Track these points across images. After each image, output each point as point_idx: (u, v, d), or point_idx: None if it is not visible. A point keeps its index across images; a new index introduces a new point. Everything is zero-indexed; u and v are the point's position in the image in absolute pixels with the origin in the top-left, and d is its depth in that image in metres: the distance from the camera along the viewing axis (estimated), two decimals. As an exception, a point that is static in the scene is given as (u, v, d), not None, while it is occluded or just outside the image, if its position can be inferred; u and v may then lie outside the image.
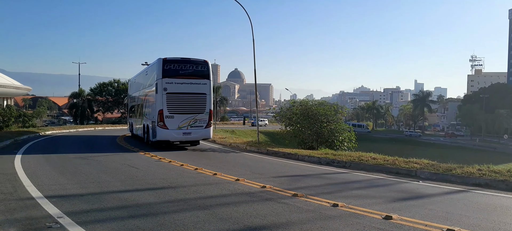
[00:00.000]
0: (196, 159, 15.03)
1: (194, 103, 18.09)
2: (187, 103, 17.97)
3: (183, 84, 17.80)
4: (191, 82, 17.94)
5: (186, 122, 17.78)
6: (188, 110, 17.91)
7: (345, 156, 15.09)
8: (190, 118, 17.88)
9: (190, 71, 17.99)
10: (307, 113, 21.85)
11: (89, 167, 11.73)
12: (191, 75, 17.95)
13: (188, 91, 17.90)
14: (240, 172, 11.62)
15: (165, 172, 11.29)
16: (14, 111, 56.39)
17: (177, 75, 17.67)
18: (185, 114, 17.78)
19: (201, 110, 18.14)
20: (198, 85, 18.08)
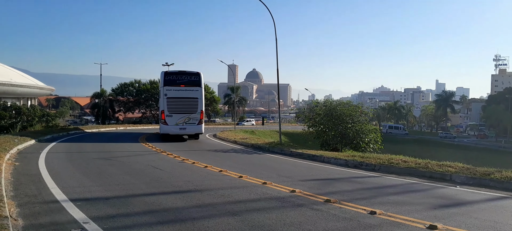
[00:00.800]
0: (220, 160, 14.73)
1: (188, 106, 22.12)
2: (183, 106, 22.05)
3: (180, 91, 21.96)
4: (186, 89, 22.09)
5: (182, 120, 21.95)
6: (183, 111, 21.97)
7: (373, 159, 14.52)
8: (185, 117, 22.00)
9: (185, 81, 22.20)
10: (331, 114, 21.32)
11: (113, 168, 11.55)
12: (185, 84, 22.12)
13: (183, 96, 22.06)
14: (266, 175, 11.24)
15: (189, 174, 11.00)
16: (38, 111, 57.50)
17: (175, 84, 21.90)
18: (181, 114, 21.90)
19: (194, 111, 22.23)
20: (191, 92, 22.19)
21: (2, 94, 68.47)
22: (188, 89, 22.16)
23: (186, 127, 22.06)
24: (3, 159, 11.26)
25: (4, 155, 12.04)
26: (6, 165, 10.95)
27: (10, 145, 14.97)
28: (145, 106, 69.55)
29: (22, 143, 16.81)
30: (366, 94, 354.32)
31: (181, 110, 21.94)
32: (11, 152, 13.86)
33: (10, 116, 54.45)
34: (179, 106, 21.99)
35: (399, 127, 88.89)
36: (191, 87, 22.22)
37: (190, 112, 22.11)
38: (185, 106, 22.11)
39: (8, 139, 16.67)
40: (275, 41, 20.88)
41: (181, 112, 21.91)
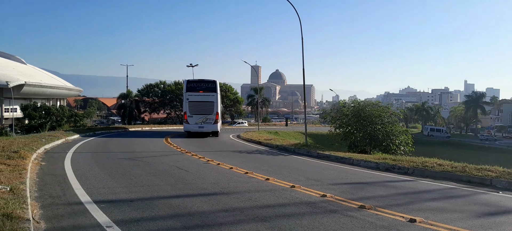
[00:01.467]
0: (245, 161, 14.38)
1: (206, 108, 25.65)
2: (201, 108, 25.61)
3: (199, 96, 25.70)
4: (204, 95, 25.83)
5: (201, 120, 25.56)
6: (202, 112, 25.56)
7: (406, 161, 13.85)
8: (203, 117, 25.59)
9: (203, 88, 26.02)
10: (359, 115, 20.63)
11: (138, 169, 11.38)
12: (204, 90, 25.91)
13: (202, 100, 25.70)
14: (293, 178, 10.80)
15: (215, 175, 10.69)
16: (66, 112, 58.96)
17: (195, 90, 25.80)
18: (200, 115, 25.53)
19: (210, 113, 25.73)
20: (208, 96, 25.84)
21: (33, 95, 70.63)
22: (206, 95, 25.92)
23: (204, 125, 25.64)
24: (30, 159, 11.27)
25: (31, 155, 12.07)
26: (33, 165, 10.95)
27: (38, 144, 15.10)
28: (170, 107, 70.19)
29: (49, 143, 16.97)
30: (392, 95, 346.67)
31: (200, 112, 25.65)
32: (38, 152, 13.95)
33: (40, 116, 56.10)
34: (198, 108, 25.68)
35: (441, 129, 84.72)
36: (208, 93, 25.96)
37: (207, 114, 25.71)
38: (203, 108, 25.69)
39: (36, 139, 16.88)
40: (301, 40, 20.38)
41: (200, 113, 25.64)
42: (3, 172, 8.48)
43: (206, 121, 25.58)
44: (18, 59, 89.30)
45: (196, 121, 25.46)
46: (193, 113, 25.50)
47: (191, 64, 60.29)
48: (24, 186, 7.59)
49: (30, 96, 69.21)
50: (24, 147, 13.10)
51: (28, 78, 69.95)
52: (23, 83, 66.10)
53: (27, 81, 67.49)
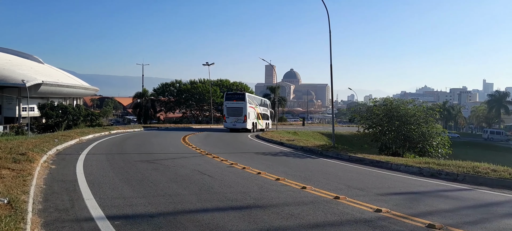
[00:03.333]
0: (272, 165, 13.09)
1: (237, 112, 34.50)
2: (234, 112, 34.63)
3: (232, 103, 35.18)
4: (236, 103, 35.11)
5: (234, 120, 34.48)
6: (234, 114, 34.56)
7: (453, 166, 12.37)
8: (235, 118, 34.45)
9: (235, 98, 36.21)
10: (392, 114, 19.11)
11: (157, 174, 10.19)
12: (235, 100, 35.62)
13: (234, 106, 34.81)
14: (332, 186, 9.47)
15: (243, 182, 9.42)
16: (83, 111, 58.71)
17: (230, 100, 35.85)
18: (233, 117, 34.60)
19: (240, 115, 34.36)
20: (238, 103, 34.84)
21: (50, 94, 70.72)
22: (237, 103, 35.03)
23: (236, 124, 34.39)
24: (38, 162, 10.18)
25: (40, 157, 11.01)
26: (41, 169, 9.86)
27: (49, 145, 14.08)
28: (185, 106, 69.42)
29: (62, 143, 15.99)
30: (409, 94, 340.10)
31: (233, 114, 34.63)
32: (49, 153, 12.91)
33: (56, 115, 55.88)
34: (232, 112, 34.72)
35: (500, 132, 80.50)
36: (239, 102, 35.05)
37: (238, 115, 34.42)
38: (235, 112, 34.55)
39: (48, 139, 15.89)
40: (329, 33, 18.93)
41: (233, 115, 34.60)
42: (4, 179, 7.37)
43: (237, 121, 34.33)
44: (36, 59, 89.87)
45: (231, 120, 34.68)
46: (229, 115, 34.88)
47: (207, 62, 59.40)
48: (26, 197, 6.46)
49: (47, 95, 69.31)
50: (33, 148, 12.07)
51: (46, 78, 70.06)
52: (40, 83, 66.16)
53: (44, 81, 67.54)
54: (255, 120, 36.46)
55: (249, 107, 34.32)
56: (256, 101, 39.19)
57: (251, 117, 34.90)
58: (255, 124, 36.35)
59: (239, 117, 33.84)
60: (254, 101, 38.16)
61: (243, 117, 33.53)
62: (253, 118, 36.00)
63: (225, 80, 74.92)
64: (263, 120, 39.82)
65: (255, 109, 37.12)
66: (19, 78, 60.84)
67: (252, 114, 35.53)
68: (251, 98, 37.71)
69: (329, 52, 18.86)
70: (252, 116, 35.31)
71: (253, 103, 37.16)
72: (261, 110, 39.33)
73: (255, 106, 37.44)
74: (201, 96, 66.03)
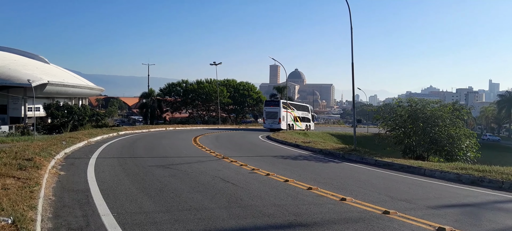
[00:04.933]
0: (296, 170, 12.12)
1: (273, 115, 41.93)
2: (270, 114, 42.18)
3: (269, 108, 43.29)
4: (272, 107, 43.02)
5: (270, 121, 41.83)
6: (271, 117, 42.11)
7: (496, 173, 11.37)
8: (272, 120, 41.76)
9: (271, 103, 45.38)
10: (416, 115, 18.06)
11: (176, 181, 9.24)
12: (272, 105, 43.91)
13: (271, 111, 42.43)
14: (373, 196, 8.50)
15: (273, 192, 8.45)
16: (88, 111, 58.07)
17: (268, 105, 44.71)
18: (270, 119, 42.15)
19: (276, 117, 41.53)
20: (274, 108, 42.60)
21: (55, 94, 70.12)
22: (273, 108, 42.90)
23: (272, 124, 41.34)
24: (46, 168, 9.25)
25: (48, 162, 10.08)
26: (49, 176, 8.94)
27: (57, 148, 13.17)
28: (192, 106, 68.59)
29: (70, 146, 15.10)
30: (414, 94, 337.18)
31: (270, 117, 42.34)
32: (57, 157, 12.01)
33: (62, 115, 55.23)
34: (269, 115, 42.48)
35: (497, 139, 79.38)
36: (274, 107, 42.91)
37: (274, 118, 41.84)
38: (271, 115, 42.19)
39: (56, 141, 14.98)
40: (350, 29, 17.90)
41: (270, 118, 42.31)
42: (9, 191, 6.44)
43: (273, 122, 41.42)
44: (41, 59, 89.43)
45: (269, 122, 42.14)
46: (267, 118, 42.75)
47: (214, 62, 58.71)
48: (34, 213, 5.53)
49: (53, 95, 68.75)
50: (40, 152, 11.16)
51: (51, 78, 69.48)
52: (46, 82, 65.57)
53: (50, 81, 66.95)
54: (291, 122, 43.42)
55: (283, 112, 41.14)
56: (294, 107, 46.95)
57: (285, 119, 41.62)
58: (292, 125, 43.32)
59: (274, 119, 41.43)
60: (291, 107, 45.21)
61: (278, 119, 40.96)
62: (289, 120, 42.75)
63: (232, 80, 74.05)
64: (303, 122, 46.86)
65: (292, 113, 44.33)
66: (24, 78, 60.26)
67: (287, 117, 42.30)
68: (287, 104, 43.79)
69: (351, 50, 17.86)
70: (287, 118, 42.10)
71: (289, 108, 43.76)
72: (299, 114, 46.78)
73: (292, 110, 44.66)
74: (207, 96, 65.19)
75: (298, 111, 46.59)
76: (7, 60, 72.95)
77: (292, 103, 49.97)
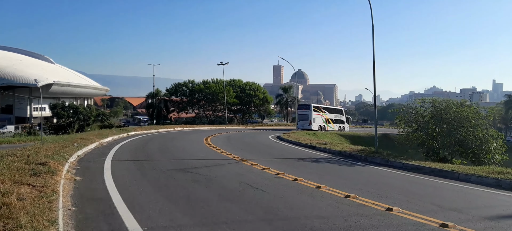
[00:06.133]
0: (321, 174, 11.42)
1: (305, 117, 45.68)
2: (303, 117, 45.79)
3: (302, 111, 47.08)
4: (304, 111, 46.87)
5: (303, 123, 44.96)
6: (303, 119, 45.67)
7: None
8: (304, 122, 45.31)
9: (303, 108, 48.44)
10: (440, 116, 17.29)
11: (202, 188, 8.54)
12: (303, 109, 47.82)
13: (303, 113, 46.22)
14: (418, 204, 7.79)
15: (309, 201, 7.73)
16: (94, 111, 57.53)
17: (301, 109, 48.01)
18: (302, 121, 45.34)
19: (307, 119, 45.45)
20: (305, 111, 46.55)
21: (61, 94, 69.71)
22: (305, 111, 46.66)
23: (304, 126, 44.35)
24: (61, 173, 8.57)
25: (62, 166, 9.39)
26: (65, 182, 8.26)
27: (69, 150, 12.52)
28: (198, 106, 67.96)
29: (82, 148, 14.44)
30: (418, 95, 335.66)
31: (302, 119, 45.67)
32: (71, 160, 11.35)
33: (68, 115, 54.72)
34: (302, 117, 45.90)
35: None
36: (306, 111, 46.61)
37: (305, 120, 45.36)
38: (303, 117, 45.78)
39: (67, 143, 14.31)
40: (372, 26, 17.16)
41: (302, 120, 45.58)
42: (25, 202, 5.75)
43: (305, 124, 44.89)
44: (47, 59, 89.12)
45: (301, 124, 44.90)
46: (300, 120, 45.66)
47: (221, 62, 58.17)
48: (56, 229, 4.86)
49: (58, 95, 68.36)
50: (53, 156, 10.48)
51: (57, 78, 69.09)
52: (51, 83, 65.18)
53: (55, 81, 66.56)
54: (323, 123, 47.21)
55: (314, 114, 45.80)
56: (326, 110, 50.68)
57: (316, 121, 45.90)
58: (323, 126, 46.96)
59: (305, 121, 45.25)
60: (323, 110, 49.41)
61: (309, 121, 44.97)
62: (320, 122, 46.77)
63: (238, 80, 73.36)
64: (335, 124, 50.04)
65: (323, 115, 48.20)
66: (30, 78, 59.87)
67: (319, 119, 46.64)
68: (318, 108, 49.34)
69: (372, 48, 17.09)
70: (318, 120, 46.39)
71: (321, 111, 48.43)
72: (331, 116, 50.08)
73: (323, 113, 48.67)
74: (214, 96, 64.53)
75: (330, 114, 50.24)
76: (12, 60, 72.61)
77: (324, 106, 55.35)
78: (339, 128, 50.14)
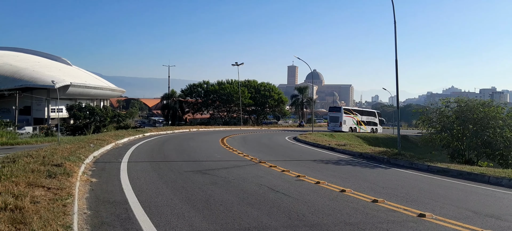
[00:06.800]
0: (345, 177, 10.93)
1: (335, 119, 47.70)
2: (333, 119, 48.07)
3: (332, 113, 49.57)
4: (334, 113, 49.02)
5: (333, 125, 47.51)
6: (333, 121, 47.98)
7: None
8: (334, 123, 47.57)
9: (334, 110, 50.49)
10: (466, 117, 16.59)
11: (221, 191, 8.19)
12: (334, 111, 49.98)
13: (334, 116, 48.54)
14: (451, 210, 7.29)
15: (334, 206, 7.30)
16: (109, 112, 57.93)
17: (331, 111, 51.33)
18: (333, 122, 47.96)
19: (337, 121, 47.27)
20: (336, 113, 48.57)
21: (78, 95, 70.54)
22: (335, 113, 48.70)
23: (335, 127, 46.51)
24: (77, 175, 8.34)
25: (77, 168, 9.18)
26: (81, 184, 8.02)
27: (85, 151, 12.35)
28: (212, 107, 67.88)
29: (98, 148, 14.28)
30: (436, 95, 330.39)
31: (333, 121, 47.98)
32: (87, 161, 11.16)
33: (84, 116, 55.25)
34: (332, 119, 48.33)
35: None
36: (336, 113, 48.60)
37: (335, 122, 47.37)
38: (334, 119, 47.71)
39: (83, 144, 14.17)
40: (394, 23, 16.57)
41: (333, 122, 47.95)
42: (39, 206, 5.49)
43: (335, 125, 46.92)
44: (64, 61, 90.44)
45: (332, 125, 47.72)
46: (330, 122, 48.73)
47: (236, 63, 57.95)
48: (70, 234, 4.56)
49: (75, 96, 69.18)
50: (69, 157, 10.29)
51: (74, 79, 69.98)
52: (68, 84, 66.02)
53: (72, 82, 67.40)
54: (354, 125, 48.96)
55: (345, 117, 47.59)
56: (357, 112, 52.45)
57: (347, 123, 47.66)
58: (354, 128, 48.72)
59: (336, 123, 47.29)
60: (354, 112, 51.30)
61: (339, 123, 46.76)
62: (351, 124, 48.55)
63: (253, 81, 73.05)
64: (367, 125, 51.43)
65: (354, 117, 49.91)
66: (48, 80, 60.73)
67: (349, 121, 48.43)
68: (349, 110, 51.52)
69: (394, 46, 16.49)
70: (349, 122, 48.17)
71: (352, 113, 50.25)
72: (364, 118, 51.67)
73: (354, 115, 50.32)
74: (228, 97, 64.34)
75: (362, 116, 51.81)
76: (31, 62, 73.87)
77: (356, 109, 57.32)
78: (371, 130, 51.35)
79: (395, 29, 16.55)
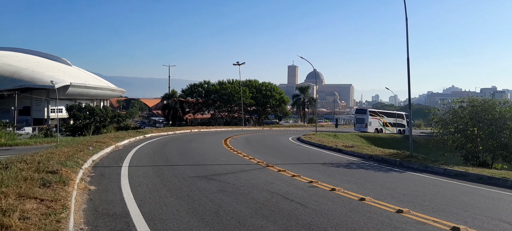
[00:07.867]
0: (359, 182, 10.26)
1: (361, 121, 50.32)
2: (360, 121, 50.88)
3: (359, 115, 53.53)
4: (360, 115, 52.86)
5: (359, 125, 50.14)
6: (360, 122, 50.56)
7: None
8: (360, 124, 50.08)
9: (360, 112, 56.03)
10: (480, 117, 15.92)
11: (230, 200, 7.52)
12: (360, 113, 55.34)
13: (359, 117, 51.73)
14: (485, 222, 6.67)
15: (360, 219, 6.62)
16: (109, 112, 57.30)
17: (357, 113, 56.93)
18: (359, 124, 50.57)
19: (363, 122, 49.73)
20: (362, 115, 52.12)
21: (78, 96, 69.89)
22: (361, 115, 51.93)
23: (360, 128, 48.84)
24: (74, 183, 7.67)
25: (75, 175, 8.49)
26: (78, 193, 7.35)
27: (84, 155, 11.68)
28: (213, 107, 67.22)
29: (97, 152, 13.61)
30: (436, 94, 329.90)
31: (359, 122, 50.38)
32: (85, 166, 10.49)
33: (84, 116, 54.61)
34: (359, 121, 50.71)
35: None
36: (362, 114, 51.79)
37: (361, 123, 49.55)
38: (360, 121, 50.29)
39: (82, 147, 13.49)
40: (405, 19, 15.88)
41: (359, 123, 50.28)
42: (29, 222, 4.82)
43: (361, 126, 49.08)
44: (63, 61, 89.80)
45: (358, 126, 49.68)
46: (357, 123, 50.97)
47: (237, 62, 57.29)
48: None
49: (75, 97, 68.55)
50: (66, 162, 9.62)
51: (74, 79, 69.34)
52: (68, 84, 65.38)
53: (72, 82, 66.77)
54: (380, 126, 50.72)
55: (370, 118, 49.88)
56: (383, 114, 54.35)
57: (372, 125, 49.60)
58: (380, 129, 50.46)
59: (362, 124, 49.61)
60: (380, 114, 53.41)
61: (365, 124, 49.03)
62: (377, 125, 50.38)
63: (254, 81, 72.40)
64: (393, 127, 52.57)
65: (381, 119, 51.71)
66: (47, 80, 60.09)
67: (375, 122, 50.31)
68: (375, 112, 54.38)
69: (406, 43, 15.80)
70: (374, 124, 50.02)
71: (378, 115, 52.41)
72: (391, 120, 52.99)
73: (381, 117, 52.20)
74: (230, 97, 63.69)
75: (388, 118, 53.28)
76: (30, 62, 73.22)
77: (382, 111, 58.79)
78: (398, 131, 52.49)
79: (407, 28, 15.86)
